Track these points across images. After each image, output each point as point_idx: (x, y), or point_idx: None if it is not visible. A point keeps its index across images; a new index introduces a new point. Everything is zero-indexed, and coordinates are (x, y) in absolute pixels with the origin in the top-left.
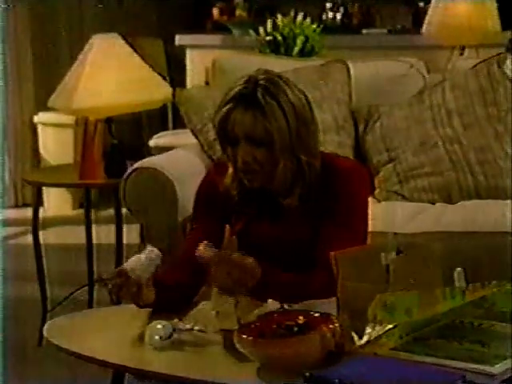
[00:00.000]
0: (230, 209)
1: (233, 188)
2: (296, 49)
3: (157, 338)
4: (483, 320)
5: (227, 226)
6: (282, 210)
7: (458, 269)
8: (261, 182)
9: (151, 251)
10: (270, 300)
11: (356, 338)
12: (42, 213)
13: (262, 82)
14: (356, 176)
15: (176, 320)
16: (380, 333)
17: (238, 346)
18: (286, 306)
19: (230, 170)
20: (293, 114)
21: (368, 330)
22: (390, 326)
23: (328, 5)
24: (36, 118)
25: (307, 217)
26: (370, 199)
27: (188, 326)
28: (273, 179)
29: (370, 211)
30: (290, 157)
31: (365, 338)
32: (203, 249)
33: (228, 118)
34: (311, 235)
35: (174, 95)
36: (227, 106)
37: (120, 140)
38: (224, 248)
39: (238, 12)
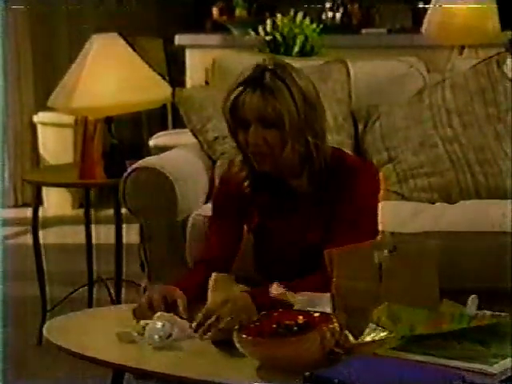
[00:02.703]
0: (245, 203)
1: (242, 176)
2: (296, 48)
3: (156, 337)
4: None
5: None
6: (294, 203)
7: (473, 296)
8: (270, 164)
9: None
10: (274, 285)
11: (351, 336)
12: (41, 212)
13: (269, 66)
14: (364, 174)
15: (176, 319)
16: (379, 338)
17: (237, 345)
18: (287, 293)
19: (239, 157)
20: (300, 96)
21: (368, 330)
22: (391, 335)
23: (328, 4)
24: (35, 118)
25: (319, 212)
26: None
27: (188, 326)
28: (282, 161)
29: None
30: (298, 138)
31: (363, 338)
32: None
33: (238, 102)
34: (323, 231)
35: (173, 95)
36: (236, 90)
37: (120, 140)
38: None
39: (237, 12)
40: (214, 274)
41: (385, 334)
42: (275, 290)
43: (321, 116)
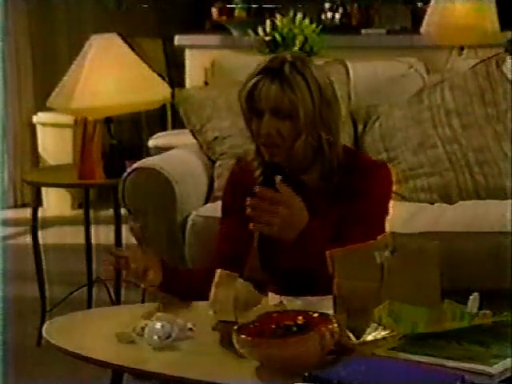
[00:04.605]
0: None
1: (255, 165)
2: (295, 49)
3: (155, 337)
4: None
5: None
6: (305, 198)
7: (475, 293)
8: (281, 156)
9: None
10: (270, 293)
11: (352, 336)
12: (41, 213)
13: (288, 58)
14: (379, 175)
15: (175, 319)
16: (380, 336)
17: (236, 345)
18: (284, 302)
19: (253, 146)
20: (317, 90)
21: (369, 330)
22: (393, 333)
23: (327, 5)
24: (35, 118)
25: (330, 208)
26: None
27: (189, 326)
28: (293, 153)
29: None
30: (311, 132)
31: (364, 338)
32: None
33: (255, 90)
34: (333, 227)
35: (173, 95)
36: (254, 79)
37: (119, 140)
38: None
39: (237, 12)
40: (218, 271)
41: (386, 332)
42: (272, 299)
43: (336, 114)
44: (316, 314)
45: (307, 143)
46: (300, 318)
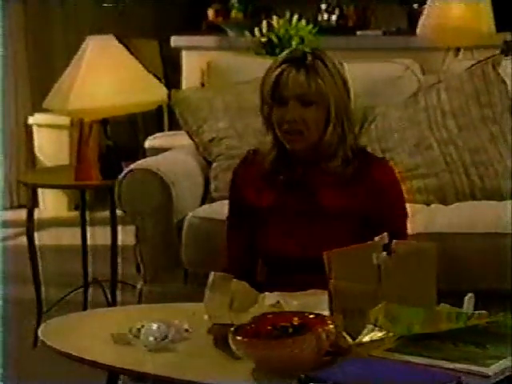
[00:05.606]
0: (261, 182)
1: (269, 154)
2: None
3: (151, 339)
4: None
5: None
6: (310, 186)
7: (470, 294)
8: (303, 144)
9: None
10: (266, 293)
11: (348, 338)
12: (37, 214)
13: (307, 50)
14: (392, 170)
15: (171, 320)
16: (376, 337)
17: (233, 347)
18: (281, 302)
19: (270, 136)
20: (340, 80)
21: (366, 331)
22: (389, 335)
23: (323, 6)
24: (31, 119)
25: (350, 192)
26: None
27: (185, 327)
28: (321, 140)
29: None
30: (339, 119)
31: (360, 339)
32: None
33: (281, 79)
34: (337, 211)
35: (169, 96)
36: (280, 67)
37: (115, 141)
38: None
39: (233, 13)
40: (211, 274)
41: (382, 334)
42: (268, 299)
43: (350, 99)
44: (312, 315)
45: (335, 129)
46: (296, 319)
